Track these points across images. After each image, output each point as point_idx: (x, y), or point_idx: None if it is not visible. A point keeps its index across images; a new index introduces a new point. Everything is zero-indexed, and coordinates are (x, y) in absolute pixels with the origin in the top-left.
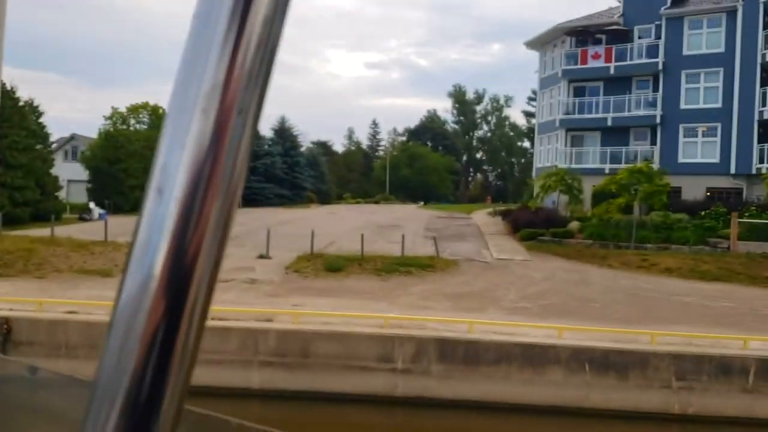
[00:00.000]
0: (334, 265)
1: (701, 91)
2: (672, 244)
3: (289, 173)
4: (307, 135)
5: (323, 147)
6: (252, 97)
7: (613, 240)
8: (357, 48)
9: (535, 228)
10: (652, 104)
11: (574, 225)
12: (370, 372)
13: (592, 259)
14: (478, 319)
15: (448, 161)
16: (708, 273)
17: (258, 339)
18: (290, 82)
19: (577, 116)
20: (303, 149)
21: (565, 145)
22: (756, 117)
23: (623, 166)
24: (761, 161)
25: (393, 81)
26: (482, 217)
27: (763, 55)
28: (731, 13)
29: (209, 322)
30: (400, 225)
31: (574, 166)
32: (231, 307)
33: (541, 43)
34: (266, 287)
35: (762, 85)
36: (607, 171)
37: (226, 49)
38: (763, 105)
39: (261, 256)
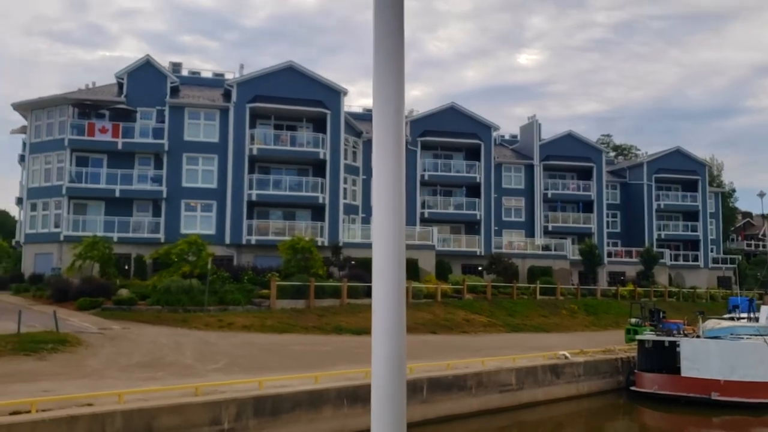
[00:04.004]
0: None
1: (200, 173)
2: (228, 305)
3: None
4: None
5: None
6: None
7: (179, 304)
8: None
9: (89, 297)
10: (156, 180)
11: (124, 292)
12: None
13: (176, 323)
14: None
15: None
16: (275, 327)
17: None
18: None
19: (83, 185)
20: None
21: (68, 213)
22: (245, 198)
23: (131, 234)
24: (249, 233)
25: None
26: None
27: (250, 149)
28: (224, 111)
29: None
30: None
31: (79, 233)
32: None
33: (34, 108)
34: None
35: (249, 172)
36: (115, 239)
37: None
38: (251, 189)
39: None
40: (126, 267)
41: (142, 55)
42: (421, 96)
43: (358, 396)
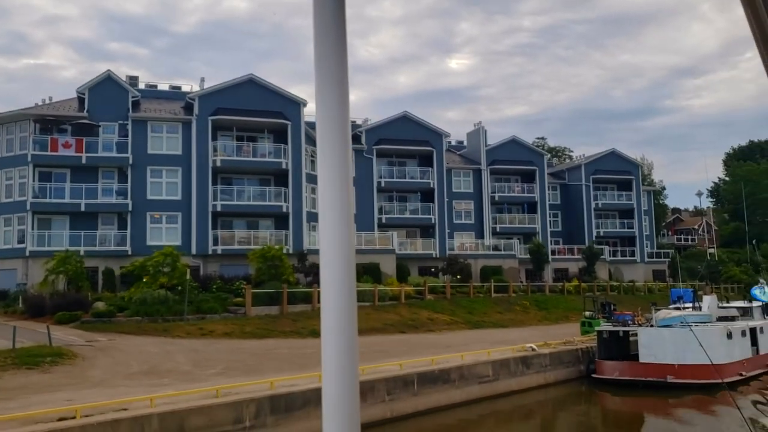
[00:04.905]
0: None
1: (164, 185)
2: (206, 314)
3: None
4: None
5: None
6: None
7: (157, 315)
8: None
9: (67, 311)
10: (121, 193)
11: (100, 305)
12: None
13: (158, 333)
14: (222, 385)
15: None
16: (254, 333)
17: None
18: None
19: (47, 200)
20: None
21: (33, 228)
22: (210, 209)
23: (98, 248)
24: (215, 243)
25: None
26: None
27: (214, 161)
28: (187, 124)
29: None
30: None
31: (44, 248)
32: None
33: None
34: None
35: (213, 183)
36: (82, 253)
37: None
38: (215, 199)
39: None
40: (95, 280)
41: (69, 62)
42: (355, 101)
43: (361, 391)
